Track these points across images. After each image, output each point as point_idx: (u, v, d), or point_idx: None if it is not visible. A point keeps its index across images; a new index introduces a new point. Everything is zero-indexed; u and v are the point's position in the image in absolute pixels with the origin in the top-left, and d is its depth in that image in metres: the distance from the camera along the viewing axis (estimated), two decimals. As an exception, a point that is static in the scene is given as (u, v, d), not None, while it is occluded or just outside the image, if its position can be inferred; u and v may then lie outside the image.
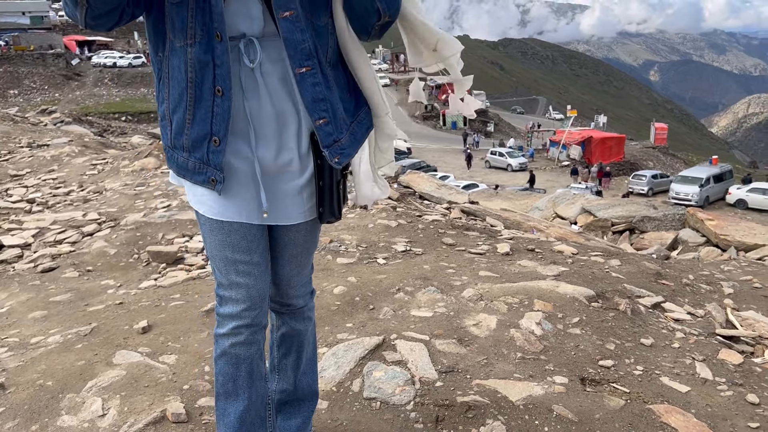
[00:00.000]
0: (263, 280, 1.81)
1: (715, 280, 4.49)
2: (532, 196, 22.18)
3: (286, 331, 2.02)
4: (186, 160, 1.67)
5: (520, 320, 3.19)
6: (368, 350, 2.84)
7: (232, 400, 1.84)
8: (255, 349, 1.84)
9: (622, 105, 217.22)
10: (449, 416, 2.37)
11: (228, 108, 1.59)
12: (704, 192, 29.84)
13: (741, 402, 2.59)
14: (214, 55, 1.56)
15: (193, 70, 1.58)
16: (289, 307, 1.98)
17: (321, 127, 1.66)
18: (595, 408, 2.44)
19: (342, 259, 4.40)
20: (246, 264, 1.75)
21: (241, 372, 1.83)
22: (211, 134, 1.61)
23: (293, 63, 1.60)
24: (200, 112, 1.60)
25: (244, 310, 1.78)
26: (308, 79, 1.62)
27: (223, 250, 1.74)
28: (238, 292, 1.77)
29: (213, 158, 1.63)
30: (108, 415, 2.45)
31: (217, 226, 1.73)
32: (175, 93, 1.63)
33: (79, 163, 9.37)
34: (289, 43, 1.59)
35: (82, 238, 5.50)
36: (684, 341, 3.17)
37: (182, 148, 1.67)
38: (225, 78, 1.57)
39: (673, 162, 48.73)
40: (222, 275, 1.78)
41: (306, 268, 1.96)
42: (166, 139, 1.72)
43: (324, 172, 1.73)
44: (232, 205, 1.69)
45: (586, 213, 12.80)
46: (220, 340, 1.83)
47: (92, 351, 3.03)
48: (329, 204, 1.76)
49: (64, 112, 30.28)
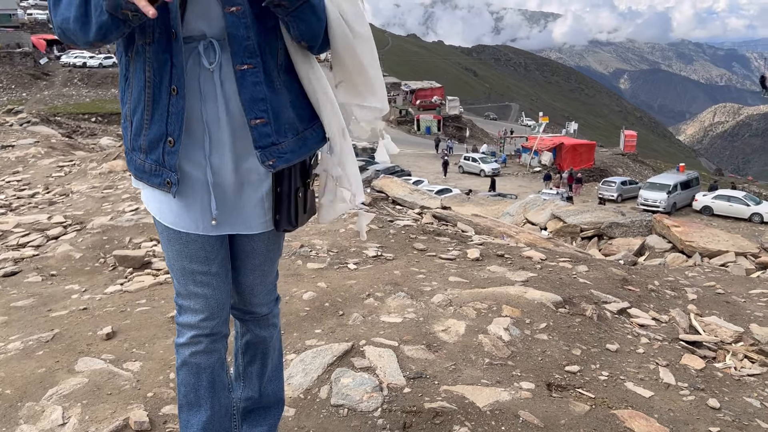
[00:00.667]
0: (223, 290, 1.78)
1: (680, 285, 4.58)
2: (503, 202, 22.38)
3: (251, 339, 1.98)
4: (143, 162, 1.64)
5: (488, 326, 3.20)
6: (337, 357, 2.82)
7: (195, 410, 1.81)
8: (216, 358, 1.82)
9: (592, 112, 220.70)
10: (416, 423, 2.37)
11: (182, 108, 1.56)
12: (672, 198, 30.44)
13: (702, 407, 2.64)
14: (171, 54, 1.54)
15: (151, 69, 1.56)
16: (252, 315, 1.94)
17: (256, 127, 1.60)
18: (560, 414, 2.46)
19: (312, 264, 4.38)
20: (204, 275, 1.73)
21: (202, 382, 1.80)
22: (167, 134, 1.58)
23: (234, 59, 1.57)
24: (157, 112, 1.58)
25: (202, 320, 1.75)
26: (248, 78, 1.58)
27: (181, 261, 1.71)
28: (197, 302, 1.74)
29: (168, 159, 1.59)
30: (68, 423, 2.40)
31: (175, 236, 1.69)
32: (134, 93, 1.61)
33: (46, 164, 9.19)
34: (233, 38, 1.55)
35: (47, 241, 5.39)
36: (648, 346, 3.23)
37: (140, 149, 1.63)
38: (180, 77, 1.55)
39: (642, 169, 49.59)
40: (180, 285, 1.75)
41: (270, 276, 1.92)
42: (127, 141, 1.69)
43: (283, 179, 1.68)
44: (187, 215, 1.66)
45: (556, 219, 12.95)
46: (180, 349, 1.80)
47: (54, 358, 2.96)
48: (286, 212, 1.71)
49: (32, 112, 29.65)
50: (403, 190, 10.03)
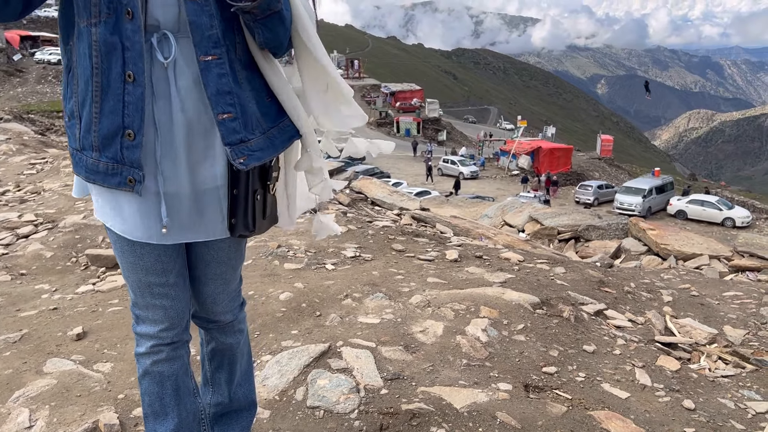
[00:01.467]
0: (182, 299, 1.69)
1: (656, 288, 4.62)
2: (481, 204, 22.47)
3: (216, 347, 1.89)
4: (96, 162, 1.47)
5: (466, 327, 3.19)
6: (313, 358, 2.79)
7: (161, 419, 1.75)
8: (179, 365, 1.74)
9: (570, 117, 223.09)
10: (393, 424, 2.35)
11: (141, 95, 1.41)
12: (647, 202, 30.89)
13: (678, 408, 2.66)
14: (123, 36, 1.38)
15: (99, 54, 1.40)
16: (216, 324, 1.84)
17: (224, 122, 1.48)
18: (537, 415, 2.45)
19: (289, 265, 4.33)
20: (162, 286, 1.63)
21: (166, 390, 1.73)
22: (124, 127, 1.43)
23: (198, 50, 1.43)
24: (108, 103, 1.42)
25: (162, 330, 1.68)
26: (213, 69, 1.45)
27: (137, 273, 1.61)
28: (156, 313, 1.66)
29: (128, 155, 1.44)
30: (35, 426, 2.33)
31: (128, 248, 1.58)
32: (81, 84, 1.45)
33: (17, 162, 8.99)
34: (195, 27, 1.42)
35: (17, 240, 5.26)
36: (625, 348, 3.24)
37: (91, 147, 1.47)
38: (137, 61, 1.39)
39: (618, 173, 50.24)
40: (137, 296, 1.66)
41: (232, 283, 1.81)
42: (74, 140, 1.52)
43: (239, 180, 1.55)
44: (140, 223, 1.53)
45: (534, 221, 13.04)
46: (141, 359, 1.72)
47: (21, 359, 2.88)
48: (242, 215, 1.58)
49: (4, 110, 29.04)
50: (382, 191, 10.03)
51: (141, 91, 1.41)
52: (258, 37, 1.51)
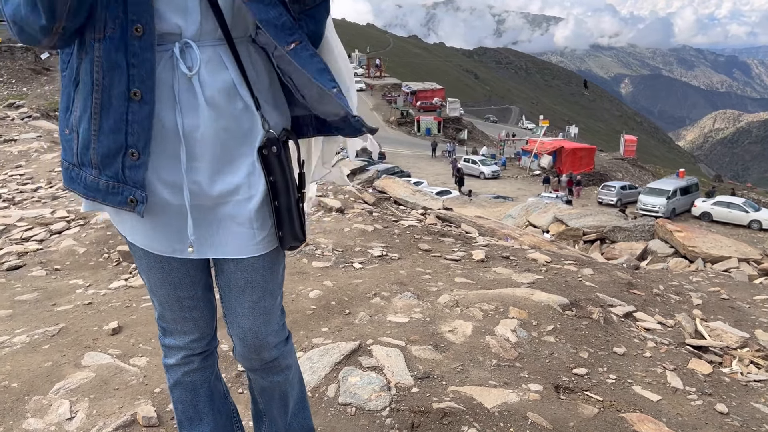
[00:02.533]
0: (209, 309, 1.67)
1: (684, 290, 4.58)
2: (505, 204, 22.38)
3: (265, 386, 1.77)
4: (96, 180, 1.40)
5: (495, 327, 3.20)
6: (344, 355, 2.82)
7: (197, 424, 1.75)
8: (210, 372, 1.74)
9: (593, 116, 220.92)
10: (425, 422, 2.37)
11: (148, 114, 1.34)
12: (671, 204, 30.47)
13: (710, 411, 2.64)
14: (128, 53, 1.31)
15: (101, 70, 1.32)
16: (260, 361, 1.68)
17: (338, 95, 1.42)
18: (569, 416, 2.45)
19: (317, 263, 4.37)
20: (191, 299, 1.61)
21: (200, 397, 1.73)
22: (127, 146, 1.36)
23: (279, 42, 1.37)
24: (108, 121, 1.35)
25: (192, 341, 1.65)
26: (302, 53, 1.39)
27: (165, 288, 1.58)
28: (185, 325, 1.63)
29: (131, 174, 1.37)
30: (76, 418, 2.39)
31: (156, 264, 1.54)
32: (80, 100, 1.38)
33: (48, 159, 9.17)
34: (266, 24, 1.35)
35: (50, 236, 5.38)
36: (655, 350, 3.22)
37: (90, 164, 1.40)
38: (144, 79, 1.32)
39: (642, 174, 49.64)
40: (165, 309, 1.62)
41: (274, 314, 1.65)
42: (70, 155, 1.44)
43: (279, 192, 1.48)
44: (162, 237, 1.48)
45: (558, 222, 12.96)
46: (171, 370, 1.70)
47: (60, 352, 2.95)
48: (290, 226, 1.51)
49: (32, 107, 29.53)
50: (405, 190, 10.04)
51: (149, 109, 1.34)
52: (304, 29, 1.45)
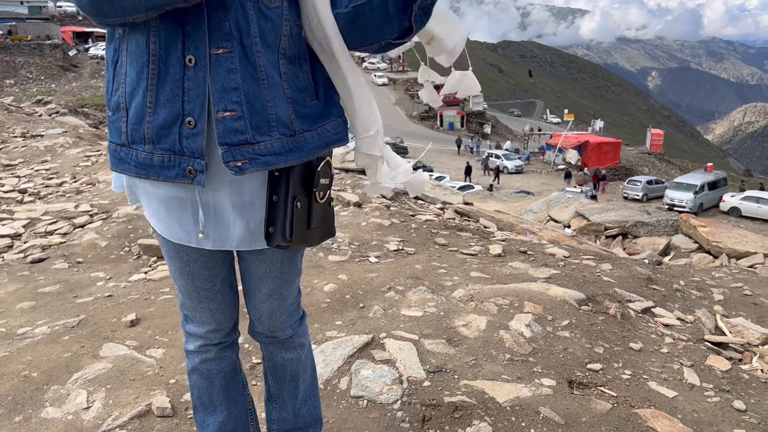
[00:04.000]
0: (229, 303, 1.69)
1: (706, 286, 4.50)
2: (526, 199, 22.21)
3: (277, 362, 1.82)
4: (150, 155, 1.38)
5: (509, 322, 3.18)
6: (357, 348, 2.83)
7: (210, 411, 1.79)
8: (227, 363, 1.77)
9: (619, 110, 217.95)
10: (436, 416, 2.37)
11: (203, 80, 1.32)
12: (698, 199, 29.95)
13: (727, 408, 2.59)
14: (185, 22, 1.31)
15: (158, 40, 1.33)
16: (275, 339, 1.77)
17: (224, 121, 1.34)
18: (582, 411, 2.43)
19: (333, 257, 4.39)
20: (209, 291, 1.63)
21: (215, 386, 1.76)
22: (183, 115, 1.34)
23: (211, 42, 1.32)
24: (164, 90, 1.34)
25: (209, 331, 1.69)
26: (223, 64, 1.33)
27: (183, 278, 1.61)
28: (203, 314, 1.66)
29: (188, 144, 1.36)
30: (93, 407, 2.44)
31: (174, 253, 1.57)
32: (132, 74, 1.37)
33: (73, 154, 9.33)
34: (211, 17, 1.32)
35: (73, 229, 5.48)
36: (673, 346, 3.18)
37: (143, 140, 1.38)
38: (199, 46, 1.31)
39: (669, 168, 48.91)
40: (185, 297, 1.66)
41: (289, 298, 1.71)
42: (119, 135, 1.42)
43: (279, 186, 1.45)
44: (179, 227, 1.50)
45: (580, 217, 12.82)
46: (190, 355, 1.74)
47: (79, 343, 3.01)
48: (281, 224, 1.45)
49: (60, 103, 30.14)
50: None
51: (203, 75, 1.32)
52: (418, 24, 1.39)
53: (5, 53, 53.86)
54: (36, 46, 56.01)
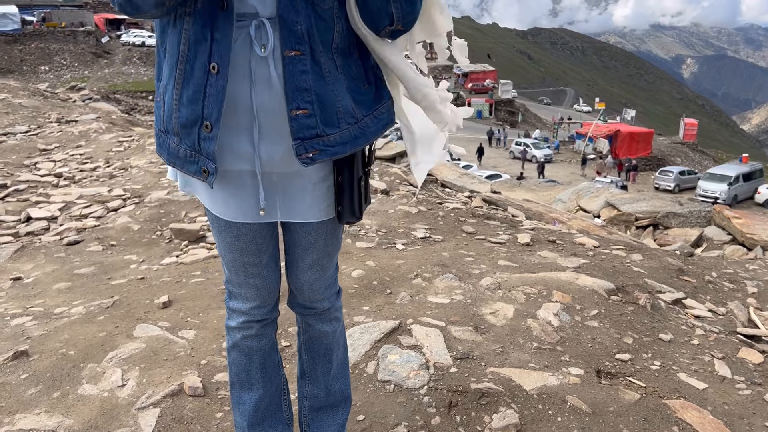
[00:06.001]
0: (273, 279, 1.75)
1: (739, 278, 4.42)
2: (555, 188, 21.99)
3: (313, 334, 1.89)
4: (177, 147, 1.51)
5: (537, 310, 3.17)
6: (384, 333, 2.85)
7: (247, 389, 1.84)
8: (266, 341, 1.83)
9: (651, 99, 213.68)
10: (462, 402, 2.38)
11: (222, 88, 1.41)
12: (733, 190, 29.32)
13: (759, 401, 2.56)
14: (213, 27, 1.38)
15: (187, 42, 1.41)
16: (313, 310, 1.85)
17: (297, 118, 1.45)
18: (609, 401, 2.42)
19: (361, 243, 4.41)
20: (256, 266, 1.70)
21: (254, 363, 1.82)
22: (202, 118, 1.44)
23: (284, 44, 1.41)
24: (188, 92, 1.44)
25: (253, 307, 1.75)
26: (297, 65, 1.43)
27: (232, 253, 1.68)
28: (248, 290, 1.73)
29: (204, 146, 1.46)
30: (127, 385, 2.50)
31: (225, 228, 1.64)
32: (167, 69, 1.48)
33: (106, 139, 9.50)
34: (284, 22, 1.40)
35: (107, 213, 5.59)
36: (704, 338, 3.14)
37: (173, 132, 1.50)
38: (223, 54, 1.40)
39: (702, 159, 47.92)
40: (231, 273, 1.73)
41: (329, 270, 1.80)
42: (159, 122, 1.56)
43: (344, 168, 1.58)
44: (234, 205, 1.58)
45: (610, 207, 12.65)
46: (231, 332, 1.81)
47: (113, 323, 3.09)
48: (349, 203, 1.61)
49: (93, 89, 30.64)
50: (452, 173, 9.98)
51: (223, 84, 1.41)
52: (396, 12, 1.46)
53: (40, 40, 54.91)
54: (70, 32, 56.96)
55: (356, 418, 2.29)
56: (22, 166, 7.92)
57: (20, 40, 53.71)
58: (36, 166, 7.88)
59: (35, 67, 52.08)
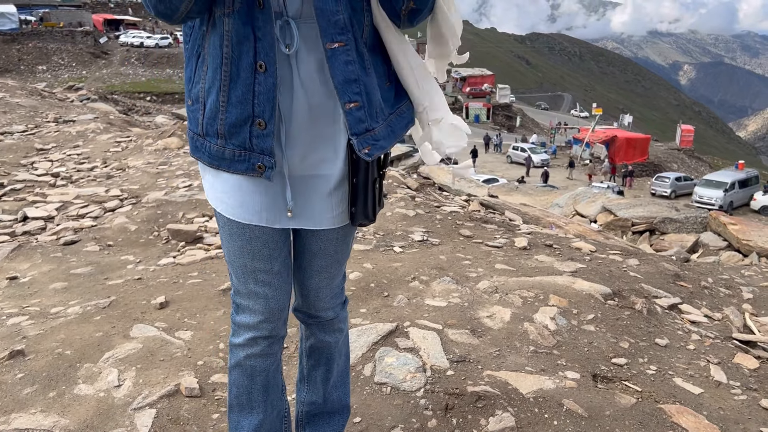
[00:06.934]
0: (284, 291, 1.67)
1: (735, 284, 4.44)
2: (552, 193, 22.05)
3: (315, 343, 1.85)
4: (222, 149, 1.48)
5: (534, 314, 3.18)
6: (381, 336, 2.85)
7: (246, 413, 1.74)
8: (271, 361, 1.73)
9: (648, 105, 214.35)
10: (459, 405, 2.38)
11: (273, 85, 1.41)
12: (729, 197, 29.43)
13: (755, 406, 2.57)
14: (254, 26, 1.38)
15: (230, 44, 1.40)
16: (317, 319, 1.80)
17: (351, 112, 1.45)
18: (605, 404, 2.43)
19: (358, 246, 4.42)
20: (266, 273, 1.61)
21: (256, 385, 1.72)
22: (254, 116, 1.43)
23: (324, 37, 1.40)
24: (236, 92, 1.42)
25: (261, 321, 1.65)
26: (340, 56, 1.42)
27: (243, 257, 1.60)
28: (257, 302, 1.64)
29: (258, 143, 1.45)
30: (123, 385, 2.50)
31: (238, 231, 1.57)
32: (210, 72, 1.45)
33: (104, 139, 9.49)
34: (321, 13, 1.38)
35: (104, 213, 5.59)
36: (699, 343, 3.15)
37: (216, 134, 1.48)
38: (269, 52, 1.39)
39: (698, 165, 48.07)
40: (240, 282, 1.64)
41: (336, 278, 1.76)
42: (196, 125, 1.52)
43: (359, 168, 1.53)
44: (252, 207, 1.53)
45: (607, 212, 12.69)
46: (235, 349, 1.71)
47: (110, 323, 3.08)
48: (363, 205, 1.57)
49: (91, 90, 30.60)
50: (450, 177, 9.99)
51: (272, 81, 1.41)
52: None
53: (38, 39, 54.81)
54: (68, 32, 56.87)
55: (353, 420, 2.29)
56: (19, 165, 7.91)
57: (18, 40, 53.61)
58: (33, 166, 7.87)
59: (33, 67, 51.97)
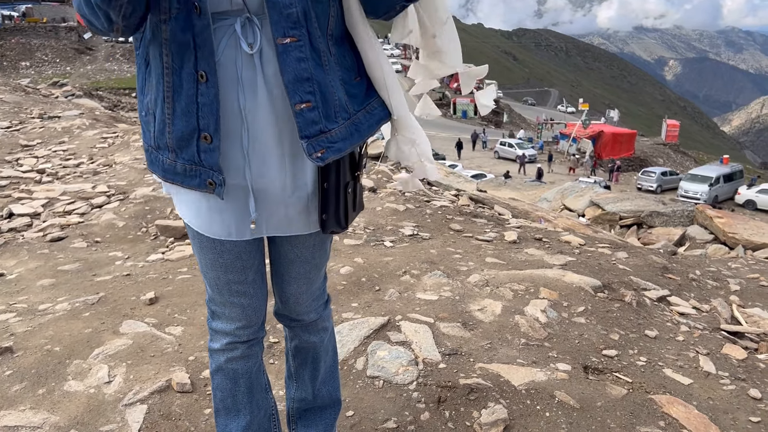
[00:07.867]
0: (259, 297, 1.63)
1: (722, 276, 4.48)
2: (540, 188, 22.13)
3: (299, 344, 1.82)
4: (173, 163, 1.40)
5: (525, 307, 3.19)
6: (373, 330, 2.85)
7: (233, 416, 1.72)
8: (253, 362, 1.70)
9: (634, 100, 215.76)
10: (451, 397, 2.39)
11: (214, 97, 1.31)
12: (713, 191, 29.74)
13: (743, 396, 2.59)
14: (194, 33, 1.28)
15: (170, 52, 1.30)
16: (299, 322, 1.76)
17: (302, 113, 1.34)
18: (597, 396, 2.44)
19: (349, 241, 4.41)
20: (241, 284, 1.57)
21: (240, 387, 1.70)
22: (199, 130, 1.33)
23: (276, 31, 1.30)
24: (180, 104, 1.33)
25: (238, 328, 1.63)
26: (292, 53, 1.31)
27: (215, 270, 1.55)
28: (233, 310, 1.60)
29: (206, 158, 1.35)
30: (114, 382, 2.48)
31: (208, 245, 1.51)
32: (154, 81, 1.36)
33: (90, 135, 9.39)
34: (273, 5, 1.28)
35: (91, 209, 5.53)
36: (688, 335, 3.17)
37: (167, 148, 1.39)
38: (209, 60, 1.29)
39: (684, 160, 48.52)
40: (215, 292, 1.60)
41: (316, 282, 1.71)
42: (149, 137, 1.44)
43: (329, 173, 1.44)
44: (220, 220, 1.46)
45: (595, 206, 12.77)
46: (215, 354, 1.68)
47: (99, 320, 3.05)
48: (335, 211, 1.48)
49: (75, 86, 30.27)
50: (439, 172, 9.98)
51: (214, 92, 1.31)
52: None
53: (21, 35, 54.17)
54: (51, 28, 56.24)
55: (345, 413, 2.29)
56: (4, 162, 7.81)
57: (0, 36, 52.94)
58: (18, 162, 7.77)
59: (16, 63, 51.38)
